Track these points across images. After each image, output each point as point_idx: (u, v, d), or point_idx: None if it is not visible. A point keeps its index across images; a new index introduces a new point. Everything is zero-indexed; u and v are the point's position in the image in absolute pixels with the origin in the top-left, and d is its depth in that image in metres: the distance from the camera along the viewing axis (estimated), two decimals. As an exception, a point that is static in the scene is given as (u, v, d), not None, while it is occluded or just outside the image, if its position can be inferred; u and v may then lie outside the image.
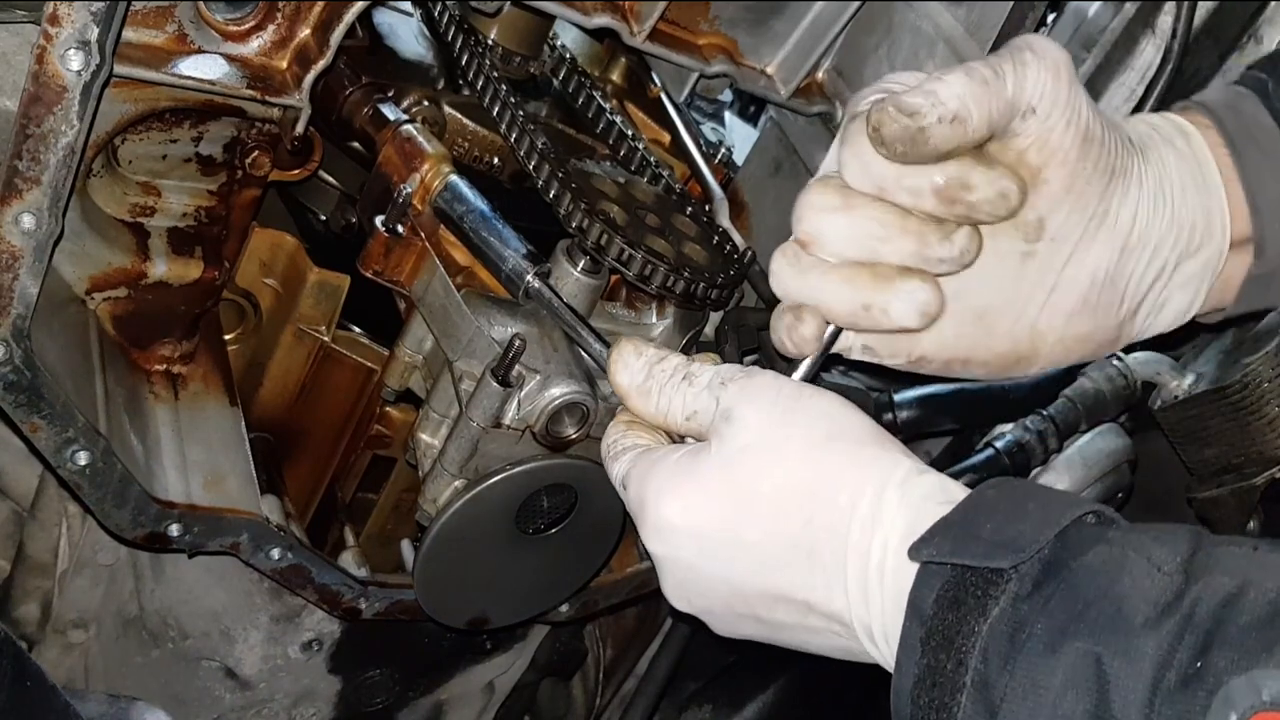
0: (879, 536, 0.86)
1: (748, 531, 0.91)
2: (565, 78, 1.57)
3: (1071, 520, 0.81)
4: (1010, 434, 1.88)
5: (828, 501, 0.89)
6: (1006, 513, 0.82)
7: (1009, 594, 0.78)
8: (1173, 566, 0.76)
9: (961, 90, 0.91)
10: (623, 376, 1.03)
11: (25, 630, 1.59)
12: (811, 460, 0.90)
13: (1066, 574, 0.78)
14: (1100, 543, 0.79)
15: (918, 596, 0.82)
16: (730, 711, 2.13)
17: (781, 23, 1.53)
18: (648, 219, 1.34)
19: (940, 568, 0.81)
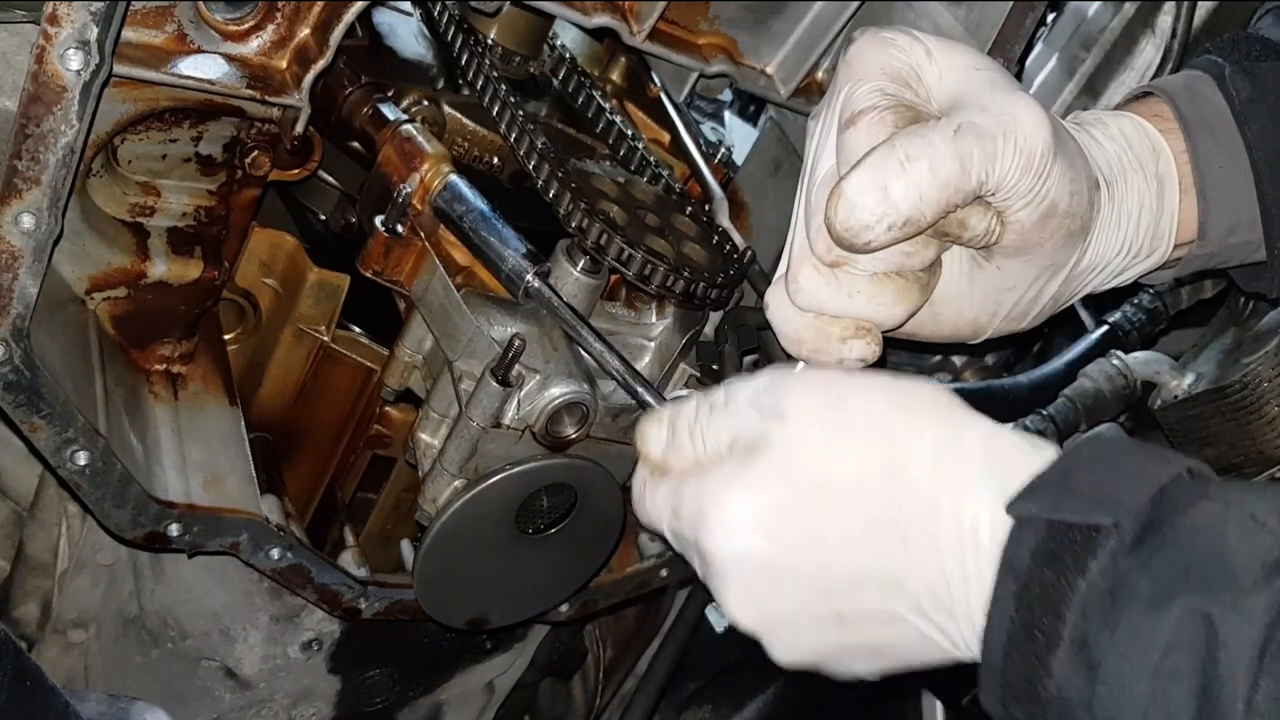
0: (969, 498, 0.84)
1: (825, 518, 0.88)
2: (565, 77, 1.57)
3: (1170, 477, 0.80)
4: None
5: (906, 474, 0.86)
6: (1104, 469, 0.81)
7: (1108, 550, 0.77)
8: (1276, 524, 0.75)
9: (916, 193, 0.89)
10: (653, 449, 0.99)
11: (25, 630, 1.59)
12: (881, 435, 0.88)
13: (1169, 531, 0.77)
14: (1202, 499, 0.78)
15: (1012, 553, 0.80)
16: (730, 711, 2.14)
17: (781, 22, 1.52)
18: (647, 219, 1.34)
19: (1036, 524, 0.80)
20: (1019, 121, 0.92)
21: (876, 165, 0.90)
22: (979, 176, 0.90)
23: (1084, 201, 0.99)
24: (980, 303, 1.05)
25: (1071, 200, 0.98)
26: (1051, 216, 0.97)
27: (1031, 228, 0.97)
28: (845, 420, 0.90)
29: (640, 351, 1.39)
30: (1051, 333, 2.09)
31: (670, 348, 1.39)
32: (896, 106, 0.94)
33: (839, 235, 0.91)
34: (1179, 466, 0.81)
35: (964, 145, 0.90)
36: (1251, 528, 0.75)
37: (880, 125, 0.93)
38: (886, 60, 0.97)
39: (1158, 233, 1.08)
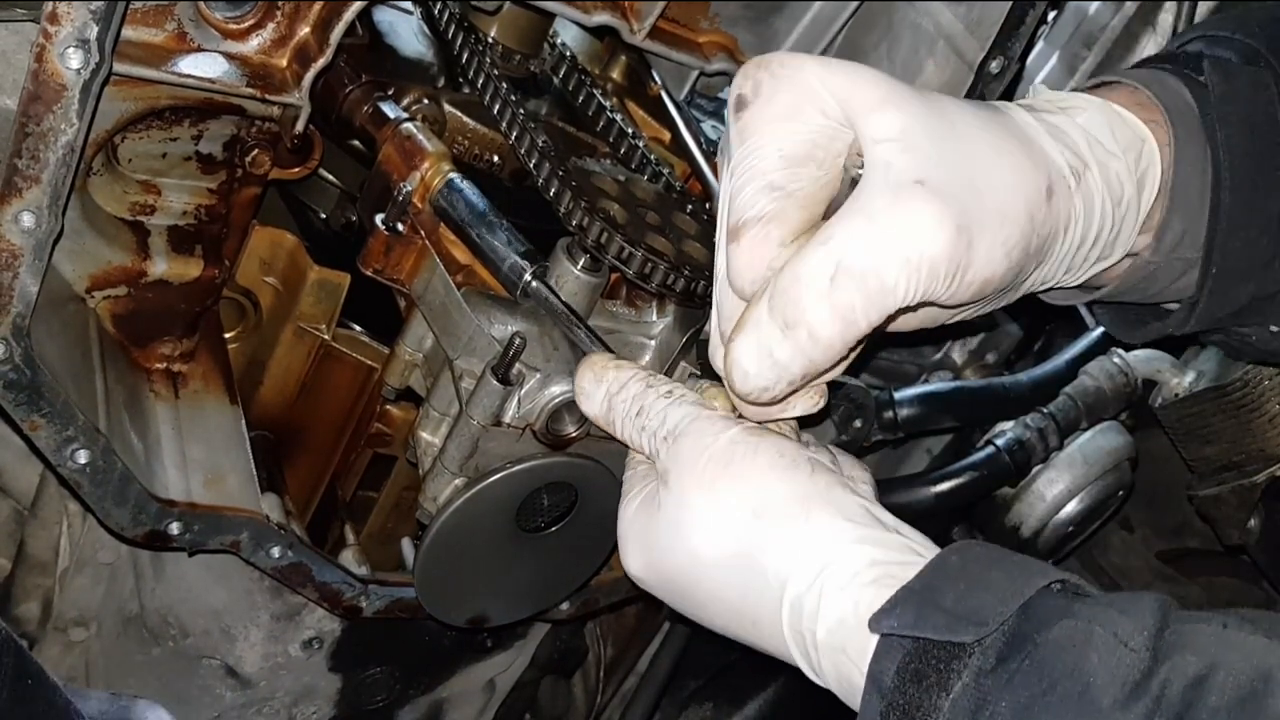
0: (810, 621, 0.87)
1: (696, 592, 0.96)
2: (565, 76, 1.57)
3: (1036, 590, 0.79)
4: (1011, 431, 1.88)
5: (759, 580, 0.91)
6: (970, 581, 0.80)
7: (972, 669, 0.76)
8: (1139, 642, 0.74)
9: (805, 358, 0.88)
10: (587, 406, 1.09)
11: (26, 628, 1.59)
12: (737, 538, 0.92)
13: (1031, 649, 0.76)
14: (1066, 616, 0.77)
15: (878, 669, 0.80)
16: (731, 710, 2.14)
17: (782, 21, 1.52)
18: (648, 217, 1.34)
19: (902, 639, 0.80)
20: (910, 235, 0.85)
21: (757, 333, 0.89)
22: (868, 321, 0.87)
23: (1025, 249, 0.91)
24: (936, 314, 1.02)
25: (1009, 262, 0.90)
26: (989, 284, 0.91)
27: (971, 301, 0.93)
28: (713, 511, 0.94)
29: (641, 350, 1.39)
30: (1052, 330, 2.09)
31: (671, 346, 1.39)
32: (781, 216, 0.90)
33: (743, 397, 0.93)
34: (1046, 578, 0.81)
35: (842, 299, 0.86)
36: (1113, 646, 0.74)
37: (764, 244, 0.90)
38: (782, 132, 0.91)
39: (1125, 224, 1.00)
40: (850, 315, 0.85)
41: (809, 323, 0.86)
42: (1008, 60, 1.39)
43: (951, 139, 0.87)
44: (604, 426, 1.07)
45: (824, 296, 0.85)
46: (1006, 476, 1.89)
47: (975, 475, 1.85)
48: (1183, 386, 1.85)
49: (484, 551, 1.31)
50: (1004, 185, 0.87)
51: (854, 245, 0.84)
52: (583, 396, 1.08)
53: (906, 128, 0.86)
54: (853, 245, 0.84)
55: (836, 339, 0.87)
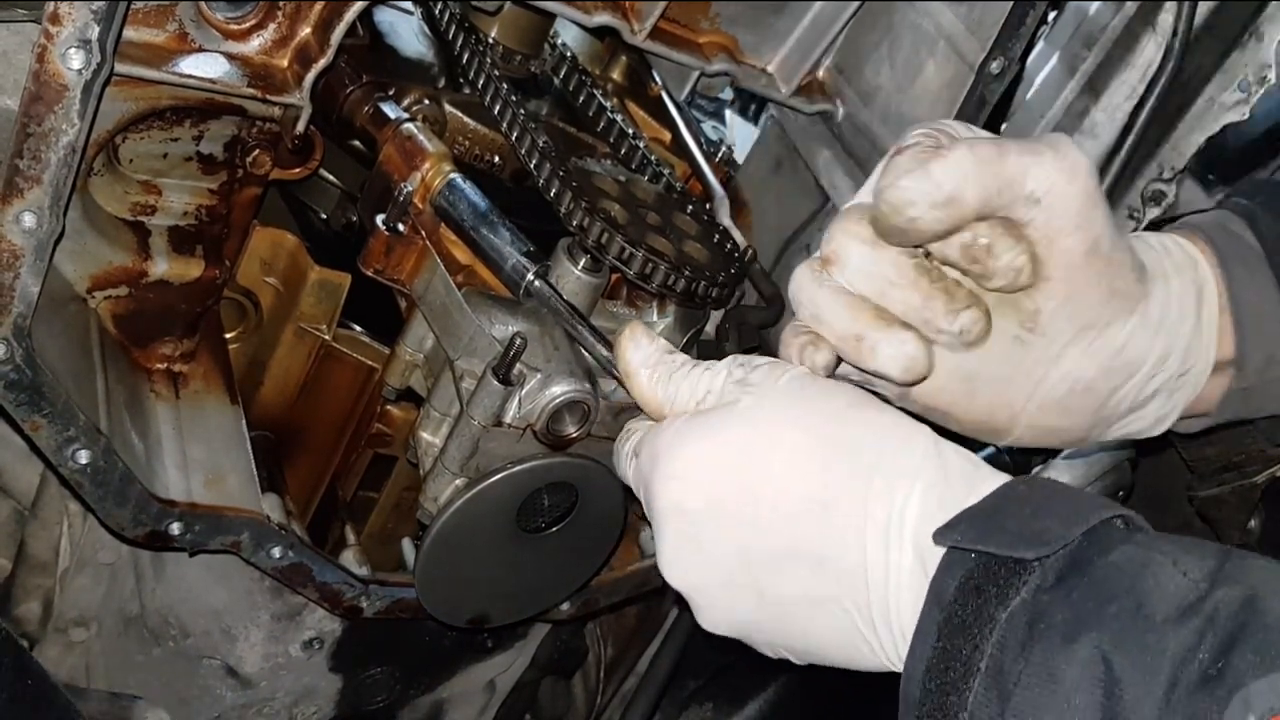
0: (899, 495, 0.85)
1: (763, 484, 0.89)
2: (566, 76, 1.57)
3: (1100, 520, 0.80)
4: (1011, 432, 1.87)
5: (847, 459, 0.88)
6: (1035, 507, 0.82)
7: (1031, 585, 0.78)
8: (1200, 574, 0.75)
9: (958, 170, 0.90)
10: (633, 355, 1.02)
11: (26, 629, 1.59)
12: (834, 419, 0.90)
13: (1090, 569, 0.77)
14: (1127, 543, 0.79)
15: (939, 582, 0.81)
16: (731, 710, 2.14)
17: (782, 21, 1.52)
18: (648, 217, 1.34)
19: (965, 555, 0.81)
20: (1060, 142, 0.93)
21: (918, 145, 0.92)
22: (1016, 165, 0.91)
23: (1127, 263, 0.99)
24: (1020, 380, 1.03)
25: (1114, 247, 0.97)
26: (1096, 255, 0.96)
27: (1079, 261, 0.95)
28: (805, 402, 0.92)
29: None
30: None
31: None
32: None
33: (886, 213, 0.92)
34: (1111, 512, 0.81)
35: (1008, 142, 0.92)
36: (1172, 573, 0.76)
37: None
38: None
39: (1195, 346, 1.06)
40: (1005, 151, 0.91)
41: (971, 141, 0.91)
42: (1008, 60, 1.40)
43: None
44: (641, 376, 1.01)
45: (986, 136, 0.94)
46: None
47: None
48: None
49: (485, 552, 1.31)
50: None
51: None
52: (632, 345, 1.02)
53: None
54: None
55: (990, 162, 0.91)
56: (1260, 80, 1.50)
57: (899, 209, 0.91)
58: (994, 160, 0.91)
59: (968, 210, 0.91)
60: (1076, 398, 1.04)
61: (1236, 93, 1.51)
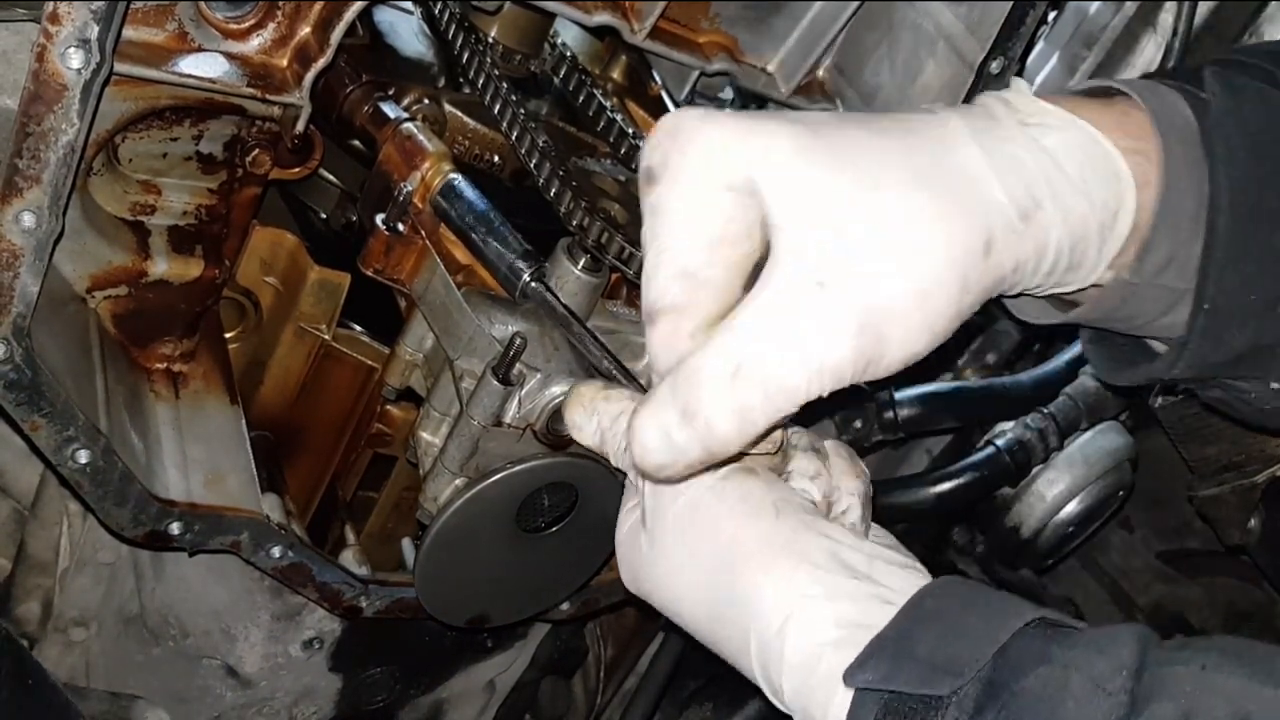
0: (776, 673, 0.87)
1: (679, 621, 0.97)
2: (566, 76, 1.57)
3: (1012, 634, 0.78)
4: (1011, 432, 1.88)
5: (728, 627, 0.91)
6: (946, 626, 0.79)
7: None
8: (1117, 685, 0.73)
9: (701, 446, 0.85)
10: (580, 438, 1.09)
11: (26, 628, 1.59)
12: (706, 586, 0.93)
13: (1008, 697, 0.75)
14: (1042, 662, 0.76)
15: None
16: (731, 710, 2.14)
17: (782, 21, 1.52)
18: (648, 217, 1.34)
19: (877, 693, 0.79)
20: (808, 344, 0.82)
21: (659, 413, 0.87)
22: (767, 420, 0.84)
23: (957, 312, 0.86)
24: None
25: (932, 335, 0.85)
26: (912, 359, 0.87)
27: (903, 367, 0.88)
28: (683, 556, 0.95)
29: (641, 350, 1.38)
30: (1052, 332, 2.09)
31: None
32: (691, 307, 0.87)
33: (643, 470, 0.90)
34: (1022, 619, 0.79)
35: (740, 399, 0.83)
36: (1090, 692, 0.73)
37: (675, 336, 0.88)
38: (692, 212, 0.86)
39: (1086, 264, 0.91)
40: (749, 415, 0.84)
41: (706, 417, 0.84)
42: (1008, 60, 1.39)
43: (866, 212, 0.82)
44: (600, 456, 1.08)
45: (722, 394, 0.83)
46: (1007, 477, 1.89)
47: (975, 476, 1.85)
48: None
49: (484, 552, 1.31)
50: (930, 254, 0.82)
51: (753, 347, 0.83)
52: (575, 430, 1.07)
53: (812, 209, 0.83)
54: (751, 347, 0.83)
55: (734, 435, 0.85)
56: (1260, 80, 1.50)
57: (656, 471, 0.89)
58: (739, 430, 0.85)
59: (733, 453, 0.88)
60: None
61: (1237, 92, 1.51)
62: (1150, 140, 0.90)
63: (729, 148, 0.85)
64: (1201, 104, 0.93)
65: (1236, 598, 2.27)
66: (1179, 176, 0.90)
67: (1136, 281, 0.93)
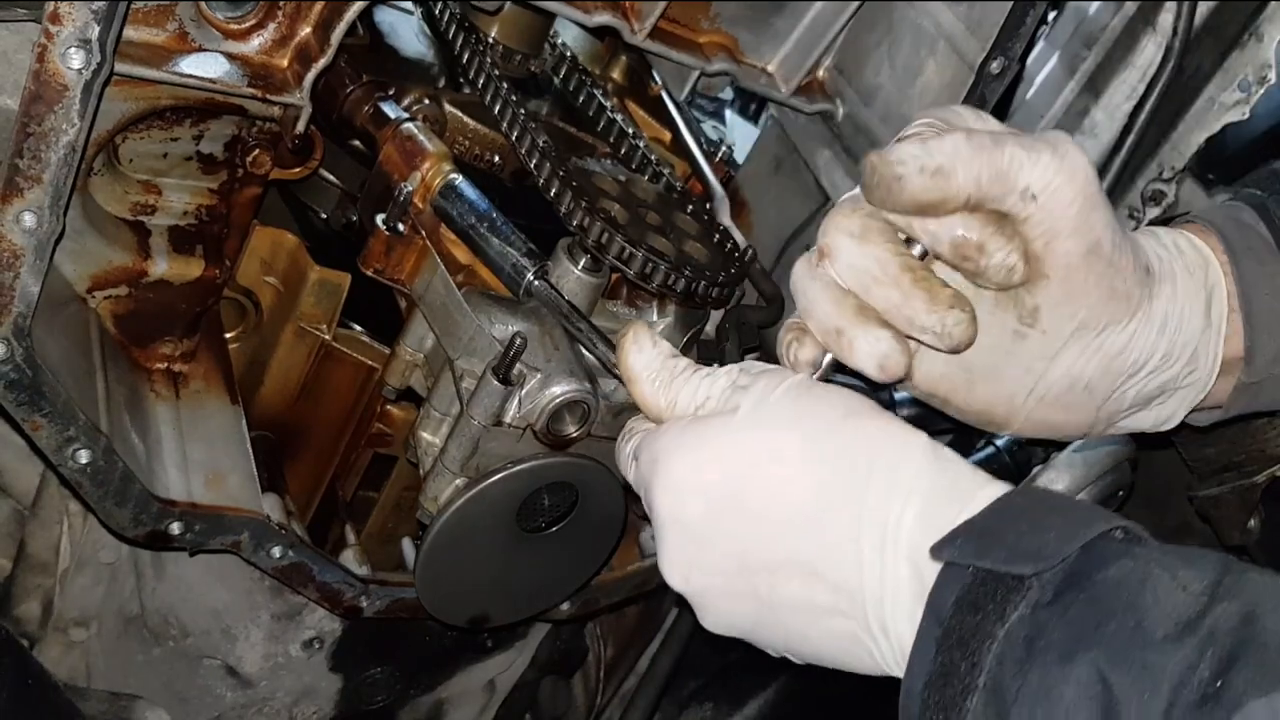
0: (895, 505, 0.85)
1: (759, 494, 0.90)
2: (566, 76, 1.57)
3: (1098, 534, 0.80)
4: (1011, 432, 1.87)
5: (844, 469, 0.88)
6: (1032, 520, 0.81)
7: (1029, 601, 0.77)
8: (1199, 587, 0.75)
9: (952, 148, 0.90)
10: (635, 358, 1.02)
11: (27, 628, 1.59)
12: (830, 429, 0.90)
13: (1089, 585, 0.77)
14: (1125, 557, 0.78)
15: (937, 597, 0.81)
16: (731, 710, 2.14)
17: (782, 20, 1.53)
18: (648, 217, 1.34)
19: (962, 570, 0.80)
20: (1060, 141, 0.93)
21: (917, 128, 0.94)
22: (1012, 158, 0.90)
23: (1131, 266, 0.97)
24: (1018, 374, 1.03)
25: (1115, 249, 0.96)
26: (1096, 256, 0.95)
27: (1077, 263, 0.95)
28: (802, 411, 0.92)
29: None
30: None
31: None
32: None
33: (875, 167, 0.91)
34: (1109, 524, 0.81)
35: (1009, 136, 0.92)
36: (1171, 587, 0.75)
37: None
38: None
39: (1203, 346, 1.04)
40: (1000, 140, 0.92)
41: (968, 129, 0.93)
42: (1008, 60, 1.40)
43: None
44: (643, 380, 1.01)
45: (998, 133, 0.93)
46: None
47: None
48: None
49: (485, 552, 1.31)
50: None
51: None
52: (634, 348, 1.02)
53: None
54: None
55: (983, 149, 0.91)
56: (1260, 80, 1.50)
57: (888, 165, 0.91)
58: (988, 148, 0.91)
59: (956, 188, 0.91)
60: (1076, 394, 1.03)
61: (1236, 93, 1.51)
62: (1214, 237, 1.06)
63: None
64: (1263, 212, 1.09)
65: (1236, 598, 2.27)
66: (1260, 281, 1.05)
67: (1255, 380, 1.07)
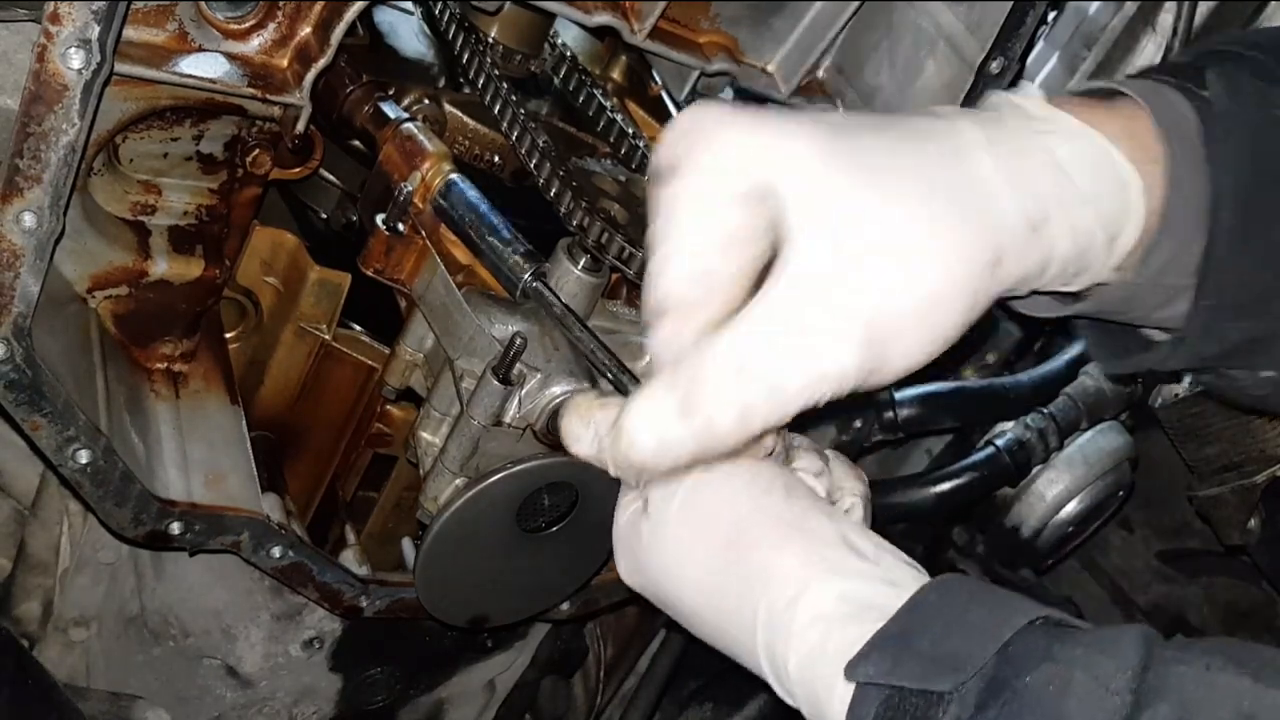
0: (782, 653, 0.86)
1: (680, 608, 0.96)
2: (566, 76, 1.57)
3: (1016, 630, 0.78)
4: (1011, 432, 1.88)
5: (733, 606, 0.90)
6: (948, 622, 0.79)
7: (950, 717, 0.75)
8: (1121, 684, 0.72)
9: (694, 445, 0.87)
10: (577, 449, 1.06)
11: (26, 628, 1.59)
12: (711, 566, 0.92)
13: (1010, 695, 0.74)
14: (1046, 659, 0.76)
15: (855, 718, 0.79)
16: (731, 710, 2.14)
17: (782, 21, 1.52)
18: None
19: (878, 687, 0.78)
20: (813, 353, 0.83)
21: (654, 407, 0.88)
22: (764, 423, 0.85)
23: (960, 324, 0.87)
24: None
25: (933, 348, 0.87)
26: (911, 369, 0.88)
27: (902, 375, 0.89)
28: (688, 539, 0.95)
29: (641, 350, 1.39)
30: (1053, 331, 2.09)
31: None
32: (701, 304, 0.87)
33: (619, 465, 0.91)
34: (1026, 616, 0.79)
35: (743, 397, 0.84)
36: (1093, 691, 0.73)
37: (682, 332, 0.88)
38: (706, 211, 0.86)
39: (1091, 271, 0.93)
40: (751, 413, 0.85)
41: (708, 412, 0.85)
42: (1008, 60, 1.40)
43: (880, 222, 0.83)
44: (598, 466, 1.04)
45: (726, 390, 0.84)
46: (1007, 477, 1.89)
47: (975, 476, 1.85)
48: (1183, 387, 1.85)
49: (485, 552, 1.31)
50: (940, 268, 0.84)
51: (759, 349, 0.84)
52: (573, 440, 1.05)
53: (829, 216, 0.83)
54: (758, 348, 0.84)
55: (733, 431, 0.86)
56: (1260, 80, 1.50)
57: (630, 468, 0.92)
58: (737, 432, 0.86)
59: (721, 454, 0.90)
60: None
61: (1236, 93, 1.51)
62: (1154, 145, 0.92)
63: (749, 149, 0.85)
64: (1204, 103, 0.94)
65: (1236, 598, 2.27)
66: (1182, 180, 0.92)
67: (1140, 280, 0.95)
